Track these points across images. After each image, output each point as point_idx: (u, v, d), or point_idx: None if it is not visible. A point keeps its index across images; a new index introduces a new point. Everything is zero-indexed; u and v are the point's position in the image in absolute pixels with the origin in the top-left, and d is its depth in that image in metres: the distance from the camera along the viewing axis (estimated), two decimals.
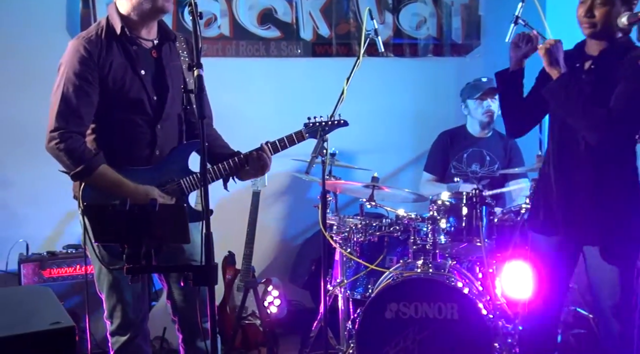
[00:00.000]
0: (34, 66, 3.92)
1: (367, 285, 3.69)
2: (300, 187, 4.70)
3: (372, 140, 4.79)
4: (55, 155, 2.50)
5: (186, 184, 2.66)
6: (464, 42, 4.88)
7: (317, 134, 2.85)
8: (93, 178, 2.50)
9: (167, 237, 1.97)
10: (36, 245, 3.88)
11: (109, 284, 2.65)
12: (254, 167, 2.71)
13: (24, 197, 4.05)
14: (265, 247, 4.65)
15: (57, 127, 2.47)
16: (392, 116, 4.83)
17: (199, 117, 2.05)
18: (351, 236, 3.67)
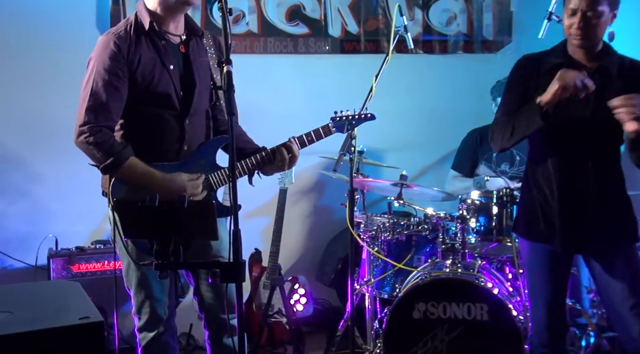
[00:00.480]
0: (64, 62, 3.98)
1: (394, 284, 3.68)
2: (327, 184, 4.69)
3: (400, 138, 4.77)
4: (85, 149, 2.53)
5: (215, 180, 2.68)
6: (495, 38, 4.83)
7: (345, 128, 2.84)
8: (122, 170, 2.52)
9: (195, 234, 1.97)
10: (65, 240, 3.94)
11: (137, 280, 2.67)
12: (281, 162, 2.71)
13: (53, 193, 4.11)
14: (292, 245, 4.65)
15: (86, 121, 2.50)
16: (421, 114, 4.80)
17: (229, 114, 2.05)
18: (379, 235, 3.66)
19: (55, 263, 3.74)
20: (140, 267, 2.62)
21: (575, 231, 2.59)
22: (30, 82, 4.05)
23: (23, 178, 4.11)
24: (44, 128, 4.03)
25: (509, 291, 3.36)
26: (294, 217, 4.58)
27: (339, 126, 2.82)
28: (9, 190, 4.09)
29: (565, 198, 2.59)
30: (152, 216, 1.92)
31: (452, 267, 3.34)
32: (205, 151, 2.71)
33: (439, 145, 4.81)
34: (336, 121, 2.81)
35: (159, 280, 2.64)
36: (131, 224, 2.01)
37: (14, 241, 4.05)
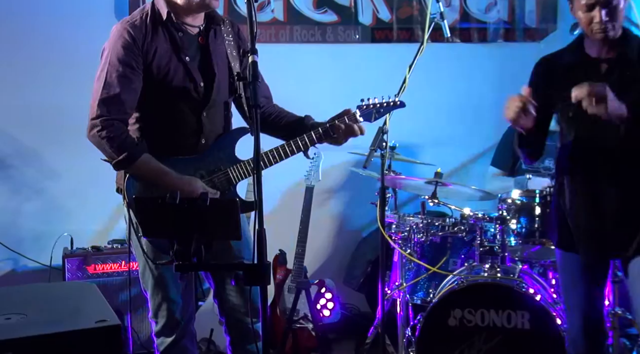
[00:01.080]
0: (81, 52, 4.01)
1: (428, 289, 3.66)
2: (356, 182, 4.69)
3: (435, 132, 4.74)
4: (97, 143, 2.56)
5: (234, 174, 2.68)
6: (539, 26, 4.78)
7: (372, 117, 2.81)
8: (135, 167, 2.55)
9: (218, 233, 1.99)
10: (81, 239, 3.99)
11: (154, 281, 2.69)
12: (343, 134, 2.71)
13: (69, 189, 4.17)
14: (319, 247, 4.66)
15: (99, 114, 2.52)
16: (458, 107, 4.77)
17: (253, 106, 2.06)
18: (411, 236, 3.65)
19: (71, 263, 3.79)
20: (157, 268, 2.64)
21: (599, 239, 2.58)
22: (45, 73, 4.11)
23: (37, 174, 4.17)
24: (59, 121, 4.08)
25: (553, 297, 3.32)
26: (321, 217, 4.59)
27: (366, 115, 2.80)
28: (23, 187, 4.16)
29: (589, 205, 2.58)
30: (172, 214, 1.94)
31: (490, 271, 3.31)
32: (223, 143, 2.72)
33: (477, 140, 4.77)
34: (363, 109, 2.79)
35: (177, 282, 2.66)
36: (150, 223, 2.03)
37: (27, 240, 4.12)
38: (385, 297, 3.39)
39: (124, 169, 2.58)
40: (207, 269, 2.58)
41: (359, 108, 2.78)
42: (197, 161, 2.66)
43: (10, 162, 4.13)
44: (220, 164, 2.68)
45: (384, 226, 3.16)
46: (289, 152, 2.68)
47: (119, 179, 2.67)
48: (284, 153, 2.68)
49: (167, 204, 1.91)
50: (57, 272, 3.91)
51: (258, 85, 2.11)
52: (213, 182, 2.66)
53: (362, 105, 2.79)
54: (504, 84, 4.73)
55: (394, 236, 3.70)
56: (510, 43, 4.77)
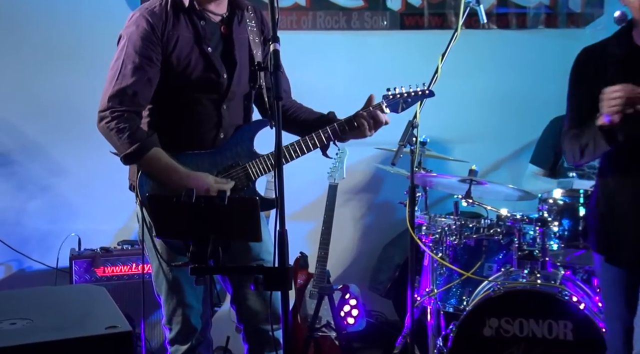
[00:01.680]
0: (90, 41, 4.06)
1: (461, 296, 3.65)
2: (384, 180, 4.68)
3: (470, 127, 4.72)
4: (106, 135, 2.58)
5: (253, 169, 2.69)
6: (584, 11, 4.73)
7: (399, 107, 2.80)
8: (144, 162, 2.56)
9: (236, 234, 1.99)
10: (89, 240, 4.03)
11: (168, 285, 2.70)
12: (367, 125, 2.72)
13: (76, 187, 4.21)
14: (342, 249, 4.66)
15: (109, 106, 2.54)
16: (494, 99, 4.74)
17: (275, 98, 2.06)
18: (443, 239, 3.64)
19: (78, 265, 3.83)
20: (172, 270, 2.65)
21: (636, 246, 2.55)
22: (51, 62, 4.16)
23: (43, 170, 4.22)
24: (67, 114, 4.13)
25: (598, 306, 3.29)
26: (345, 218, 4.59)
27: (393, 105, 2.78)
28: (28, 184, 4.21)
29: (637, 208, 2.55)
30: (188, 214, 1.95)
31: (530, 277, 3.29)
32: (241, 137, 2.73)
33: (516, 135, 4.74)
34: (389, 99, 2.78)
35: (193, 285, 2.67)
36: (165, 223, 2.04)
37: (32, 241, 4.17)
38: (414, 304, 3.37)
39: (133, 164, 2.59)
40: (225, 272, 2.59)
41: (385, 98, 2.77)
42: (214, 156, 2.67)
43: (14, 157, 4.18)
44: (238, 159, 2.69)
45: (414, 227, 3.15)
46: (310, 146, 2.69)
47: (131, 176, 2.69)
48: (305, 147, 2.68)
49: (183, 202, 1.92)
50: (64, 274, 3.95)
51: (280, 76, 2.10)
52: (230, 178, 2.67)
53: (389, 94, 2.78)
54: (544, 74, 4.70)
55: (424, 238, 3.69)
56: (552, 29, 4.72)
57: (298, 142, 2.68)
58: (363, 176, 4.69)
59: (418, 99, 2.83)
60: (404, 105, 2.79)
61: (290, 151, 2.67)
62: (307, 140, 2.69)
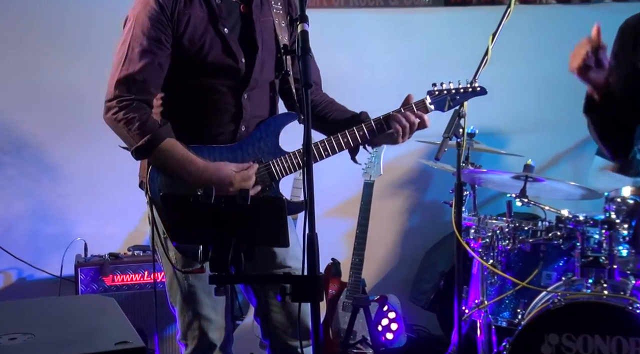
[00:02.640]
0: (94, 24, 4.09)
1: (515, 309, 3.63)
2: (426, 177, 4.67)
3: (525, 116, 4.68)
4: (114, 127, 2.59)
5: (277, 168, 2.69)
6: None
7: (446, 105, 2.79)
8: (157, 154, 2.57)
9: (261, 238, 1.99)
10: (96, 245, 4.07)
11: (183, 295, 2.71)
12: (401, 129, 2.71)
13: (82, 186, 4.26)
14: (380, 255, 4.65)
15: (117, 95, 2.56)
16: (554, 84, 4.67)
17: (304, 85, 2.05)
18: (495, 243, 3.61)
19: (84, 274, 3.87)
20: (187, 278, 2.66)
21: None
22: (52, 49, 4.20)
23: (45, 169, 4.26)
24: (70, 106, 4.17)
25: None
26: (382, 220, 4.58)
27: (438, 102, 2.77)
28: (28, 184, 4.26)
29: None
30: (207, 216, 1.96)
31: (595, 288, 3.25)
32: (265, 131, 2.73)
33: (578, 125, 4.65)
34: (435, 96, 2.77)
35: (212, 296, 2.68)
36: (180, 226, 2.05)
37: (33, 247, 4.22)
38: (462, 317, 3.36)
39: (145, 158, 2.61)
40: (248, 281, 2.60)
41: (430, 94, 2.77)
42: (233, 151, 2.67)
43: (10, 154, 4.22)
44: (261, 156, 2.70)
45: (461, 230, 3.13)
46: (343, 145, 2.69)
47: (142, 172, 2.70)
48: (337, 145, 2.68)
49: (200, 203, 1.93)
50: (69, 284, 4.00)
51: (309, 60, 2.10)
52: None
53: (434, 90, 2.77)
54: None
55: (473, 243, 3.67)
56: (620, 3, 4.67)
57: (329, 139, 2.68)
58: (403, 172, 4.68)
59: (468, 97, 2.83)
60: (451, 102, 2.79)
61: (320, 149, 2.67)
62: (340, 137, 2.68)
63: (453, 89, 2.79)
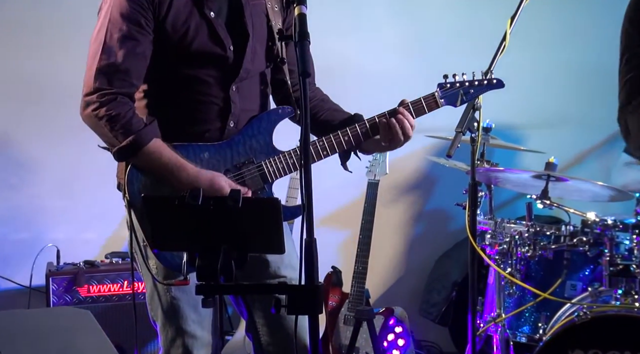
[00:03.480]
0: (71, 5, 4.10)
1: (536, 323, 3.64)
2: (437, 176, 4.67)
3: (547, 109, 4.69)
4: (93, 125, 2.58)
5: (270, 169, 2.69)
6: None
7: (458, 100, 2.79)
8: (142, 156, 2.57)
9: (253, 244, 1.99)
10: (70, 252, 4.09)
11: (165, 309, 2.71)
12: (390, 135, 2.71)
13: (55, 186, 4.25)
14: (385, 263, 4.66)
15: (97, 87, 2.55)
16: (578, 75, 4.71)
17: (302, 74, 2.06)
18: (513, 250, 3.62)
19: (57, 284, 3.87)
20: (170, 290, 2.67)
21: None
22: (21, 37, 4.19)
23: (12, 167, 4.26)
24: (41, 97, 4.16)
25: None
26: (388, 224, 4.59)
27: (450, 97, 2.77)
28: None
29: None
30: (194, 219, 1.96)
31: (624, 299, 3.26)
32: (257, 128, 2.73)
33: (606, 119, 4.68)
34: (446, 89, 2.77)
35: (198, 310, 2.69)
36: (164, 231, 2.05)
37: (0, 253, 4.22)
38: (476, 332, 3.37)
39: (128, 159, 2.61)
40: (239, 291, 2.60)
41: (441, 87, 2.76)
42: (222, 149, 2.67)
43: None
44: (253, 155, 2.70)
45: (475, 235, 3.14)
46: (344, 143, 2.69)
47: (120, 172, 2.71)
48: (337, 144, 2.69)
49: (186, 205, 1.93)
50: (40, 295, 4.00)
51: (307, 47, 2.11)
52: (242, 178, 2.68)
53: (445, 83, 2.77)
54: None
55: (489, 249, 3.68)
56: None
57: (328, 138, 2.68)
58: (411, 171, 4.69)
59: (483, 90, 2.83)
60: (464, 97, 2.79)
61: (318, 148, 2.68)
62: (340, 135, 2.69)
63: (466, 82, 2.79)
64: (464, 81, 2.79)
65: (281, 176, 2.71)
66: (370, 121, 2.72)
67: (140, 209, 2.56)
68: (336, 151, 2.71)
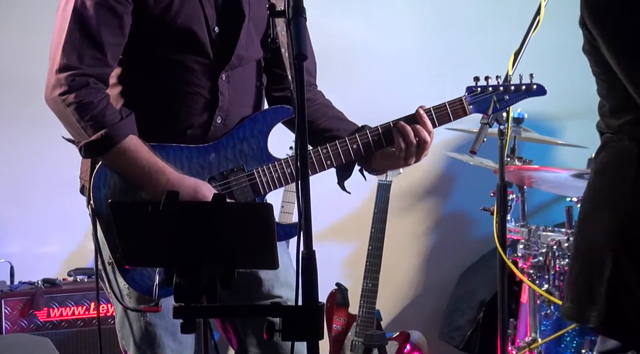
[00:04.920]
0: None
1: (579, 348, 3.65)
2: (459, 177, 4.68)
3: (587, 96, 4.65)
4: (59, 111, 2.56)
5: (263, 178, 2.68)
6: None
7: (490, 107, 2.78)
8: (114, 155, 2.55)
9: (243, 259, 1.99)
10: (27, 269, 4.08)
11: (138, 337, 2.70)
12: (404, 148, 2.69)
13: (8, 191, 4.25)
14: (399, 279, 4.67)
15: (66, 64, 2.53)
16: None
17: (296, 57, 2.05)
18: (550, 263, 3.62)
19: (10, 307, 3.86)
20: (143, 316, 2.66)
21: None
22: None
23: None
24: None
25: None
26: (401, 232, 4.59)
27: (480, 103, 2.76)
28: None
29: None
30: (171, 229, 1.96)
31: None
32: (251, 130, 2.72)
33: None
34: (476, 94, 2.75)
35: (177, 337, 2.69)
36: (134, 242, 2.05)
37: None
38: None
39: (97, 156, 2.60)
40: (225, 314, 2.60)
41: (470, 91, 2.75)
42: (207, 154, 2.67)
43: None
44: (243, 162, 2.69)
45: (505, 246, 3.14)
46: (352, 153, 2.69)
47: (84, 173, 2.70)
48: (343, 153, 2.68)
49: (162, 212, 1.93)
50: None
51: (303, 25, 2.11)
52: (230, 188, 2.68)
53: (475, 87, 2.76)
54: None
55: (522, 262, 3.68)
56: None
57: (333, 145, 2.67)
58: (428, 171, 4.69)
59: (520, 98, 2.82)
60: (497, 104, 2.78)
61: (321, 156, 2.66)
62: (348, 143, 2.68)
63: (501, 86, 2.78)
64: (498, 85, 2.77)
65: (275, 188, 2.69)
66: (384, 127, 2.72)
67: (107, 218, 2.54)
68: (342, 161, 2.69)
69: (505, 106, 2.81)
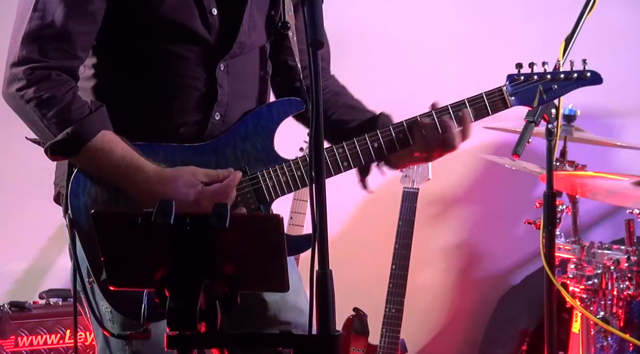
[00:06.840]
0: None
1: None
2: (497, 183, 4.69)
3: None
4: (18, 109, 2.59)
5: (269, 183, 2.70)
6: None
7: (536, 100, 2.79)
8: (85, 155, 2.56)
9: (247, 279, 2.02)
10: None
11: None
12: (427, 144, 2.71)
13: None
14: (427, 304, 4.68)
15: (24, 57, 2.55)
16: None
17: (311, 44, 2.07)
18: (607, 286, 3.64)
19: None
20: (130, 345, 2.67)
21: None
22: None
23: None
24: None
25: None
26: (431, 248, 4.61)
27: (524, 94, 2.77)
28: None
29: None
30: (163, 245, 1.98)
31: None
32: (254, 126, 2.74)
33: None
34: (518, 83, 2.76)
35: None
36: (121, 261, 2.07)
37: None
38: None
39: (66, 158, 2.62)
40: (226, 344, 2.62)
41: (511, 80, 2.76)
42: (203, 154, 2.69)
43: None
44: (246, 164, 2.71)
45: (553, 266, 3.16)
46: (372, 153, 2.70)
47: (59, 177, 2.73)
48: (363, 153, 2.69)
49: (154, 225, 1.95)
50: None
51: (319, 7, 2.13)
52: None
53: (518, 75, 2.77)
54: None
55: (574, 284, 3.69)
56: None
57: (351, 143, 2.68)
58: (461, 176, 4.71)
59: (571, 87, 2.82)
60: (544, 95, 2.78)
61: (337, 157, 2.68)
62: (368, 141, 2.68)
63: (548, 74, 2.79)
64: (545, 73, 2.78)
65: (283, 194, 2.71)
66: (410, 122, 2.73)
67: (87, 231, 2.56)
68: (361, 163, 2.70)
69: (553, 97, 2.81)
